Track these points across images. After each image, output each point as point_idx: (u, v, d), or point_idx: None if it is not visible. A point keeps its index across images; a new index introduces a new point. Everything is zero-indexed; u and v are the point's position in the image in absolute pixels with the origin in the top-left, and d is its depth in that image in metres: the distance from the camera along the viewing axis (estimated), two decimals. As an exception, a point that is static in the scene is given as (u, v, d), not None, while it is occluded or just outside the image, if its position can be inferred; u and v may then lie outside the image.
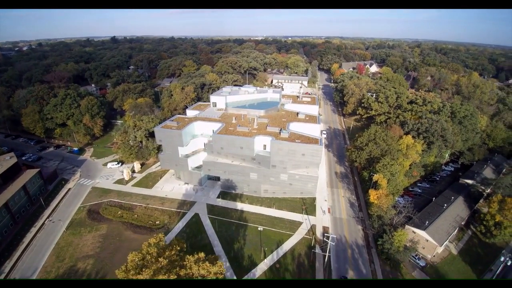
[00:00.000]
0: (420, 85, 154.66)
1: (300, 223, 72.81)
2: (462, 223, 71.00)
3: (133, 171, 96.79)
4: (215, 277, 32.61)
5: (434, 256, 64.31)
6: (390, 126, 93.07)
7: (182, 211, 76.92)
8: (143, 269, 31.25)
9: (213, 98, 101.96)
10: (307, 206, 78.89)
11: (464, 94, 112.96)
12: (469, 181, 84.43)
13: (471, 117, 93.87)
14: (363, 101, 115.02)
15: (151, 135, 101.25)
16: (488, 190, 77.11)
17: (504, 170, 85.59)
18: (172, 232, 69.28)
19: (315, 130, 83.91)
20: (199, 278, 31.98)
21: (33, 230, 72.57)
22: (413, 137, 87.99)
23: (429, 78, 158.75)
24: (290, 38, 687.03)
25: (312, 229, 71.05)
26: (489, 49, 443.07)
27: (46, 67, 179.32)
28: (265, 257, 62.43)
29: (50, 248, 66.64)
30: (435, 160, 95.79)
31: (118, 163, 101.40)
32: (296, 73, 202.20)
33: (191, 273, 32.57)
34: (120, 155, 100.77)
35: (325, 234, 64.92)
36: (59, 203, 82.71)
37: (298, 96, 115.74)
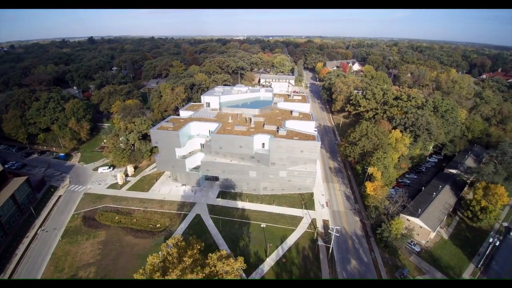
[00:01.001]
0: (401, 82, 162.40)
1: (301, 218, 74.67)
2: (450, 209, 76.05)
3: (127, 175, 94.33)
4: (236, 273, 33.36)
5: (427, 241, 68.40)
6: (379, 121, 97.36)
7: (182, 212, 76.28)
8: (170, 270, 31.01)
9: (206, 98, 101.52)
10: (306, 201, 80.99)
11: (443, 90, 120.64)
12: (453, 171, 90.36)
13: (452, 111, 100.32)
14: (351, 98, 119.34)
15: (144, 137, 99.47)
16: (471, 178, 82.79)
17: (484, 160, 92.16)
18: (175, 234, 68.38)
19: (309, 127, 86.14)
20: (224, 274, 32.46)
21: (26, 241, 68.99)
22: (400, 131, 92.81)
23: (409, 75, 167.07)
24: (271, 38, 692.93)
25: (313, 223, 73.16)
26: (461, 46, 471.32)
27: (24, 69, 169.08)
28: (271, 253, 63.57)
29: (47, 259, 63.76)
30: (420, 152, 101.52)
31: (109, 168, 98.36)
32: (282, 72, 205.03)
33: (215, 271, 32.99)
34: (111, 159, 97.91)
35: (330, 227, 67.30)
36: (50, 211, 79.11)
37: (289, 95, 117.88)
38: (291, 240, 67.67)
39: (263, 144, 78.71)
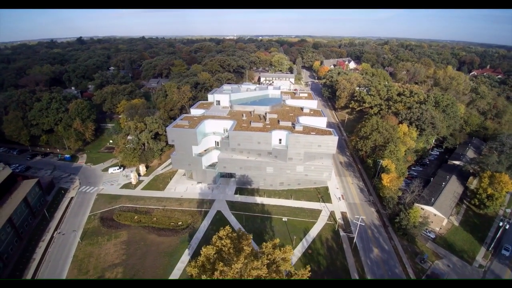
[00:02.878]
0: (397, 79, 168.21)
1: (319, 211, 76.65)
2: (458, 198, 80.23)
3: (139, 175, 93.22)
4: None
5: (440, 228, 72.01)
6: (387, 116, 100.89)
7: (203, 209, 76.48)
8: (234, 259, 31.56)
9: (217, 96, 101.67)
10: (322, 194, 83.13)
11: (441, 86, 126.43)
12: (457, 162, 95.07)
13: (452, 106, 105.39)
14: (355, 95, 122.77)
15: (155, 136, 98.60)
16: (476, 168, 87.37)
17: (483, 151, 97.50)
18: (199, 231, 68.89)
19: (321, 122, 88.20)
20: (281, 261, 33.51)
21: (42, 244, 67.15)
22: (407, 125, 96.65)
23: (404, 72, 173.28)
24: (261, 37, 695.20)
25: (332, 215, 75.32)
26: (448, 44, 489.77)
27: (18, 70, 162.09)
28: (296, 245, 65.09)
29: (68, 262, 62.41)
30: (423, 146, 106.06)
31: (119, 168, 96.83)
32: (281, 70, 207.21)
33: (272, 258, 33.99)
34: (121, 159, 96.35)
35: (356, 217, 69.91)
36: (64, 213, 77.25)
37: (295, 93, 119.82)
38: (313, 232, 69.48)
39: (280, 140, 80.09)
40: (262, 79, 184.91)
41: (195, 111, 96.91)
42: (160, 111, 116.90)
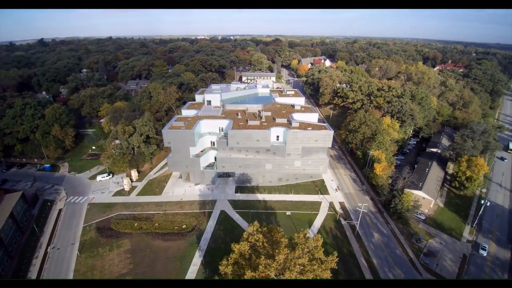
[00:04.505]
0: (371, 75, 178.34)
1: (319, 203, 79.71)
2: (441, 181, 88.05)
3: (131, 180, 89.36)
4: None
5: (428, 210, 78.64)
6: (371, 110, 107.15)
7: (206, 211, 75.72)
8: (276, 252, 32.17)
9: (207, 96, 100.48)
10: (319, 187, 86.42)
11: (414, 80, 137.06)
12: (434, 150, 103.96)
13: (426, 98, 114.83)
14: (338, 91, 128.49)
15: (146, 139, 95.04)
16: (453, 154, 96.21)
17: (455, 138, 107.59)
18: (207, 232, 68.24)
19: (313, 118, 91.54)
20: (314, 249, 34.84)
21: (36, 262, 62.22)
22: (389, 118, 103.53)
23: (377, 69, 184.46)
24: (232, 37, 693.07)
25: (331, 205, 78.76)
26: (411, 42, 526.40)
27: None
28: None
29: (69, 277, 58.62)
30: (402, 136, 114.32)
31: (108, 175, 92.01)
32: (260, 69, 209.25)
33: (306, 247, 35.19)
34: (110, 165, 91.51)
35: (353, 205, 73.68)
36: (54, 227, 71.94)
37: (282, 91, 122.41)
38: (317, 223, 72.22)
39: (278, 136, 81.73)
40: (244, 79, 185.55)
41: (186, 112, 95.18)
42: (145, 113, 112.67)
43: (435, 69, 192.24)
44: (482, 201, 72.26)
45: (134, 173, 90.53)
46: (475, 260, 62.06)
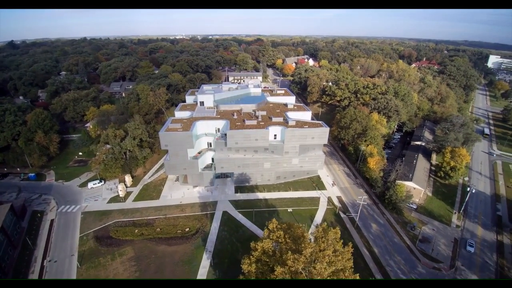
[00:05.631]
0: (353, 73, 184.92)
1: (318, 198, 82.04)
2: (428, 172, 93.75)
3: (126, 186, 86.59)
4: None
5: (419, 200, 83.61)
6: (359, 107, 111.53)
7: (208, 212, 75.29)
8: (301, 247, 33.01)
9: (200, 97, 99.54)
10: (316, 183, 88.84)
11: (395, 78, 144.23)
12: (418, 143, 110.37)
13: (408, 95, 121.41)
14: (326, 89, 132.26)
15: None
16: (437, 146, 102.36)
17: (436, 132, 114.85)
18: (211, 234, 67.96)
19: (307, 116, 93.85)
20: (333, 240, 36.19)
21: (33, 277, 58.77)
22: (376, 114, 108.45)
23: (359, 67, 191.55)
24: (211, 36, 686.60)
25: (330, 200, 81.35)
26: (386, 40, 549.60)
27: None
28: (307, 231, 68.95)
29: (71, 289, 55.92)
30: (388, 131, 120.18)
31: (100, 181, 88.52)
32: (246, 69, 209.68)
33: (326, 240, 36.44)
34: (102, 171, 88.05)
35: (358, 197, 76.45)
36: (48, 238, 68.23)
37: (272, 90, 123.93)
38: (318, 218, 74.38)
39: (275, 135, 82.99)
40: (230, 79, 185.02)
41: (180, 114, 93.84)
42: (135, 116, 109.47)
43: (412, 66, 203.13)
44: (468, 188, 78.01)
45: (128, 178, 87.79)
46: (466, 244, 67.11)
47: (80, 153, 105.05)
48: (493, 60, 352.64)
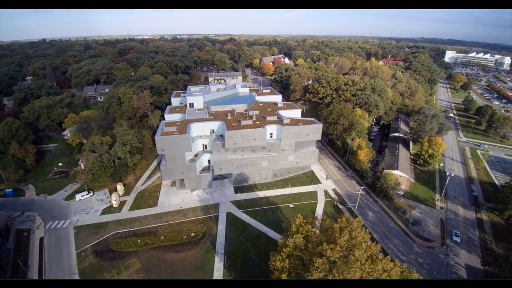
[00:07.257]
0: (329, 71, 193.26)
1: (315, 192, 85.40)
2: (410, 161, 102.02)
3: (119, 195, 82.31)
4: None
5: (405, 186, 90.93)
6: (342, 103, 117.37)
7: (212, 215, 74.69)
8: (331, 238, 34.64)
9: (189, 98, 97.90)
10: (311, 178, 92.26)
11: (369, 75, 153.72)
12: (396, 134, 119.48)
13: (384, 90, 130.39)
14: (309, 87, 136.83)
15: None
16: (414, 136, 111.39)
17: (410, 123, 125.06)
18: (219, 236, 67.70)
19: (297, 114, 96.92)
20: (359, 231, 38.42)
21: (28, 300, 53.79)
22: (359, 109, 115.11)
23: (333, 65, 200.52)
24: (179, 36, 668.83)
25: (326, 193, 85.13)
26: (353, 39, 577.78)
27: None
28: (312, 226, 71.74)
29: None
30: (368, 124, 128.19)
31: (88, 192, 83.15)
32: (224, 69, 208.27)
33: (350, 229, 38.58)
34: (90, 181, 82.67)
35: (353, 189, 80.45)
36: (41, 258, 62.85)
37: (258, 90, 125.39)
38: (319, 210, 77.63)
39: (271, 134, 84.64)
40: (210, 79, 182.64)
41: (170, 117, 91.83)
42: (120, 121, 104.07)
43: (380, 64, 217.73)
44: (448, 173, 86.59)
45: (120, 187, 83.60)
46: (451, 223, 74.72)
47: (60, 164, 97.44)
48: (449, 55, 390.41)
